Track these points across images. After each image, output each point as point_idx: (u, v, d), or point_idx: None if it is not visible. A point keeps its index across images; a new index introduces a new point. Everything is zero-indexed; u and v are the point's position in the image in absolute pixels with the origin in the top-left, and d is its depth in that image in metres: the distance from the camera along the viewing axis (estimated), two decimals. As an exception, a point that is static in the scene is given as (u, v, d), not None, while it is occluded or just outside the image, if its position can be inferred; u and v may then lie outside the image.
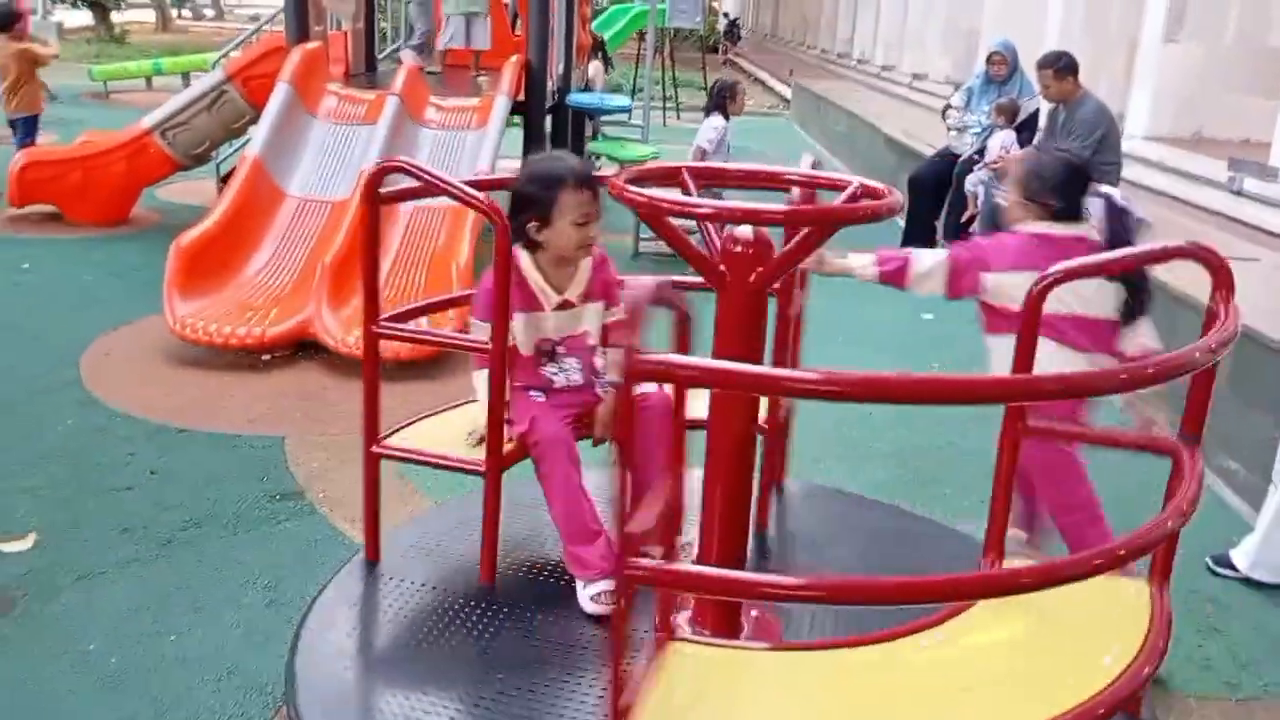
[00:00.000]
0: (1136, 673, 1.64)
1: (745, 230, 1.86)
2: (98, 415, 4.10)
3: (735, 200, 2.08)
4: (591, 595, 2.27)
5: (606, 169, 7.41)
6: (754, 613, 2.16)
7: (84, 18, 24.26)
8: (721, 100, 6.79)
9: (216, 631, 2.74)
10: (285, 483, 3.61)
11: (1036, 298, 1.66)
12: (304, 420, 4.20)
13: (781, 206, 1.81)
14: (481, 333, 2.33)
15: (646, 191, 1.91)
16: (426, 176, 2.25)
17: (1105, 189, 2.69)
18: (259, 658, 2.62)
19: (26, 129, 7.69)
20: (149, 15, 28.60)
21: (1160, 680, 2.59)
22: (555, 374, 2.46)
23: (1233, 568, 3.23)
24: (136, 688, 2.50)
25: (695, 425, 1.90)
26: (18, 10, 8.44)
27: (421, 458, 2.48)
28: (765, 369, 1.72)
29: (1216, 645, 2.90)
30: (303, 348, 4.82)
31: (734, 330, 1.98)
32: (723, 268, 1.94)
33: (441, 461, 2.44)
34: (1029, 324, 1.67)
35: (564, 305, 2.42)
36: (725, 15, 40.07)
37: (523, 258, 2.37)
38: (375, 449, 2.46)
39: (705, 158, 6.74)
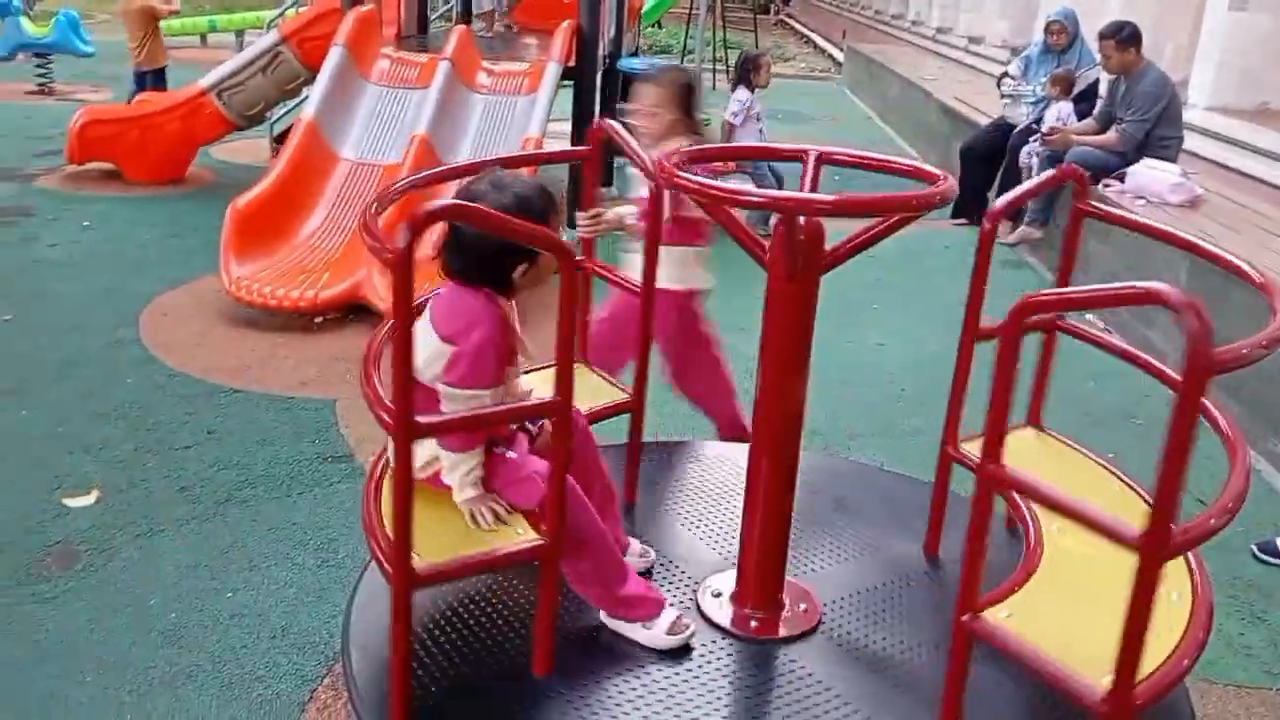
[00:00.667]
0: (1175, 665, 1.65)
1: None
2: (156, 374, 4.21)
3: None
4: (667, 629, 1.93)
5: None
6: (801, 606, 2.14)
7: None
8: (746, 72, 6.77)
9: (271, 589, 2.83)
10: (337, 445, 3.70)
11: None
12: (354, 384, 4.25)
13: (833, 195, 1.80)
14: (462, 403, 1.82)
15: (700, 179, 1.91)
16: (484, 219, 2.05)
17: None
18: (312, 616, 2.71)
19: (155, 82, 8.05)
20: (203, -30, 28.74)
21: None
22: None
23: (1279, 555, 3.21)
24: (194, 642, 2.59)
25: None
26: None
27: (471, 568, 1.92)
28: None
29: (1258, 634, 2.89)
30: (353, 311, 4.89)
31: (783, 314, 1.99)
32: (771, 251, 1.95)
33: (491, 563, 1.91)
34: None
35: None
36: (778, -26, 39.40)
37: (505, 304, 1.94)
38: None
39: (733, 133, 6.73)
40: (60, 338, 4.50)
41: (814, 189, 2.06)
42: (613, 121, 2.51)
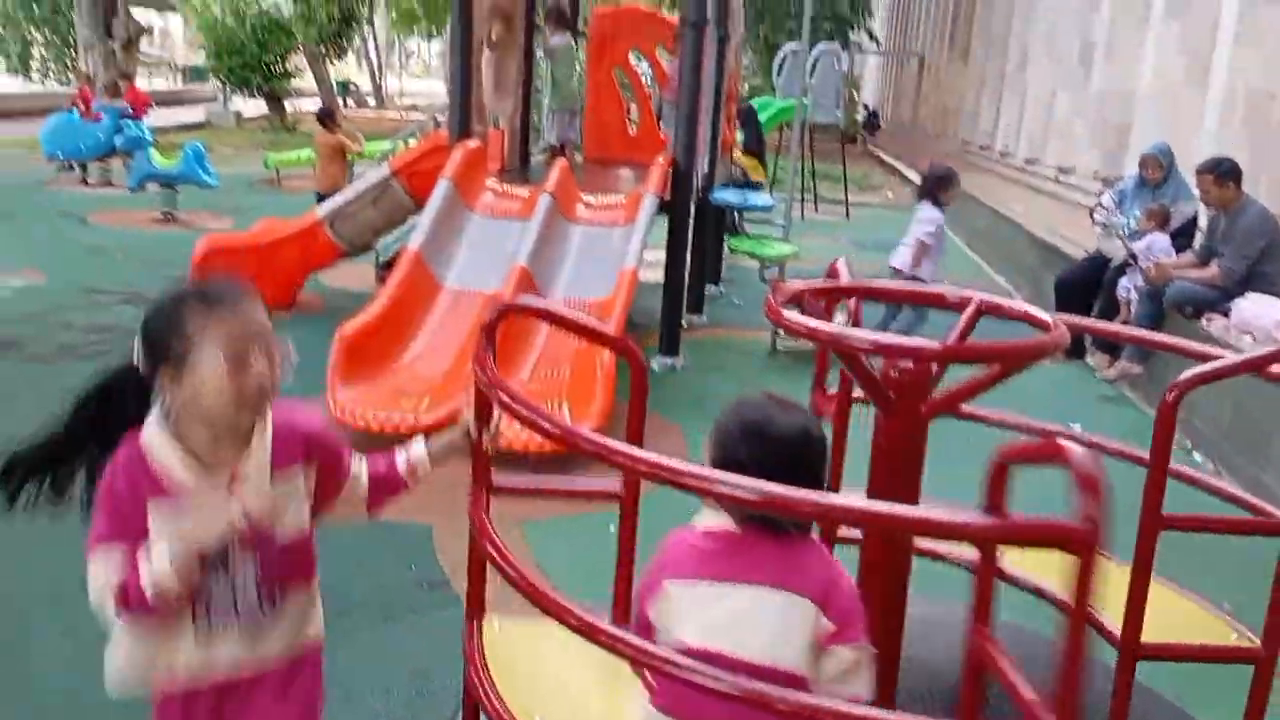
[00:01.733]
0: None
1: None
2: (263, 494, 4.33)
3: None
4: None
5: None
6: None
7: (260, 107, 26.11)
8: (934, 188, 6.48)
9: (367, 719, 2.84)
10: (433, 572, 3.74)
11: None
12: (451, 509, 4.32)
13: (941, 341, 1.83)
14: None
15: (806, 320, 1.95)
16: (552, 314, 2.22)
17: None
18: (407, 749, 2.71)
19: None
20: (317, 105, 30.59)
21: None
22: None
23: None
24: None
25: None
26: (334, 108, 10.93)
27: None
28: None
29: None
30: (451, 435, 4.99)
31: (893, 456, 2.00)
32: (890, 393, 1.97)
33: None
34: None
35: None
36: (865, 106, 40.28)
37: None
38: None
39: (926, 251, 6.40)
40: (174, 457, 4.68)
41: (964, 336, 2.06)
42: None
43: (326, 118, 10.39)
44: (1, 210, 10.81)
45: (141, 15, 22.17)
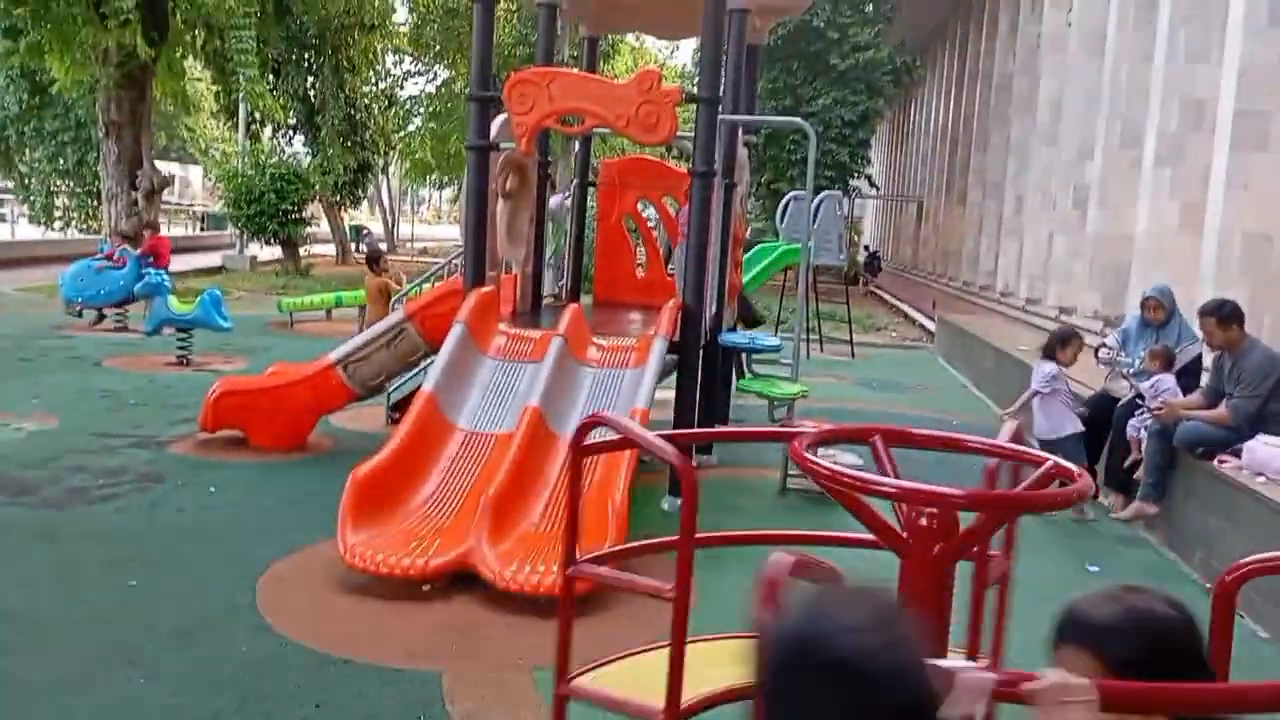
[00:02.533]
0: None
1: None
2: (269, 643, 4.26)
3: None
4: None
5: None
6: None
7: (274, 252, 26.74)
8: (1054, 347, 7.03)
9: None
10: (443, 723, 3.64)
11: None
12: (461, 655, 4.26)
13: (967, 488, 1.83)
14: None
15: (829, 465, 1.96)
16: (625, 430, 2.31)
17: None
18: None
19: None
20: (331, 249, 31.34)
21: None
22: None
23: None
24: None
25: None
26: (381, 252, 11.78)
27: (610, 703, 2.44)
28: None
29: None
30: (461, 578, 4.94)
31: (916, 601, 1.98)
32: (907, 538, 1.96)
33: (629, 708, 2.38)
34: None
35: None
36: (866, 248, 41.21)
37: None
38: (564, 690, 2.45)
39: (1035, 400, 7.00)
40: (180, 604, 4.62)
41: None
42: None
43: (374, 261, 11.19)
44: (17, 355, 10.96)
45: (163, 166, 22.95)
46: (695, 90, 6.81)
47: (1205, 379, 6.81)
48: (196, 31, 19.59)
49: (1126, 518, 6.55)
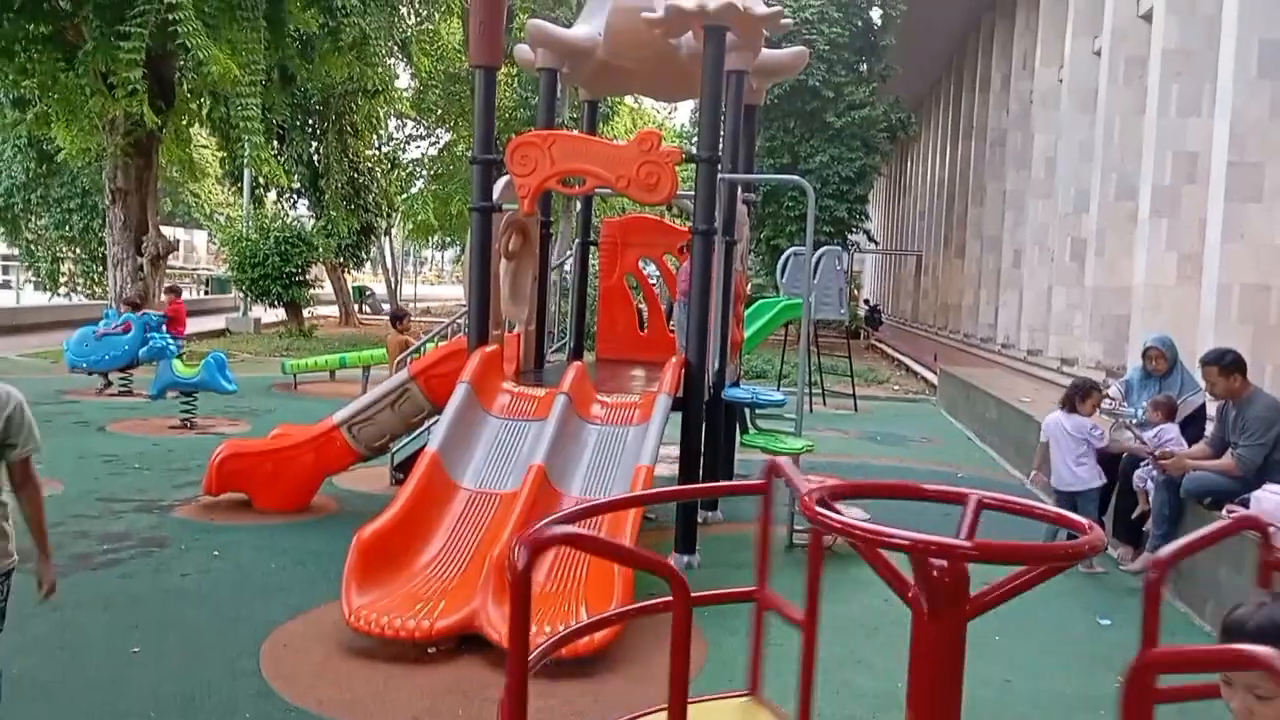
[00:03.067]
0: None
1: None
2: (272, 709, 4.21)
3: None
4: None
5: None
6: None
7: (278, 313, 26.90)
8: (1074, 397, 7.00)
9: None
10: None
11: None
12: (467, 719, 4.21)
13: (977, 540, 1.83)
14: None
15: (841, 518, 1.97)
16: (593, 545, 2.21)
17: None
18: None
19: None
20: (334, 310, 31.52)
21: None
22: None
23: None
24: None
25: None
26: (405, 312, 12.62)
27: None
28: None
29: None
30: (467, 640, 4.90)
31: (930, 656, 1.97)
32: (922, 596, 1.95)
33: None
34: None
35: None
36: (866, 302, 41.40)
37: None
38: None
39: (1062, 449, 6.95)
40: (184, 670, 4.58)
41: (970, 534, 2.08)
42: (785, 461, 2.60)
43: (397, 320, 12.10)
44: (23, 419, 10.97)
45: (168, 231, 23.21)
46: (695, 150, 6.91)
47: (1209, 428, 6.81)
48: (202, 100, 19.93)
49: (1136, 569, 6.50)
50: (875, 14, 27.24)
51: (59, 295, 29.33)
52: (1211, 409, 6.77)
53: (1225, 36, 10.79)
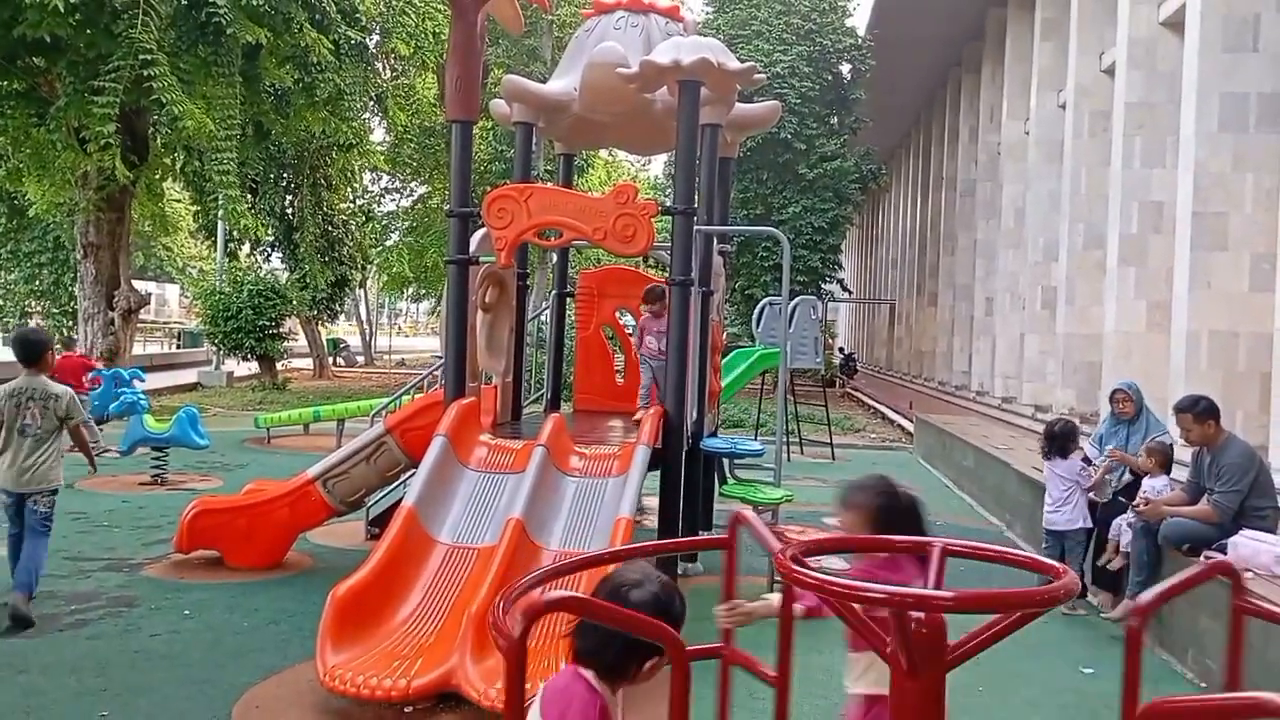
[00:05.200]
0: None
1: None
2: (246, 773, 4.11)
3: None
4: None
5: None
6: None
7: (250, 367, 26.70)
8: (1064, 443, 7.06)
9: None
10: None
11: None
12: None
13: (955, 590, 1.82)
14: None
15: (817, 574, 1.95)
16: (593, 610, 2.16)
17: None
18: None
19: None
20: (308, 363, 31.33)
21: None
22: None
23: None
24: None
25: None
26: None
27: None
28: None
29: None
30: (445, 698, 4.81)
31: (911, 711, 1.94)
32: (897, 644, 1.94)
33: None
34: None
35: None
36: (841, 350, 41.63)
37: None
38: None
39: (1061, 490, 7.02)
40: (154, 733, 4.47)
41: (939, 584, 2.08)
42: (749, 512, 2.59)
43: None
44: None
45: (140, 285, 23.04)
46: (670, 202, 6.96)
47: (1177, 472, 6.87)
48: (176, 154, 19.93)
49: (1116, 617, 6.50)
50: (845, 69, 27.76)
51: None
52: (1185, 455, 6.83)
53: (1186, 91, 11.07)
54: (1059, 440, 7.05)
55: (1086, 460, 7.24)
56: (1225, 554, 5.73)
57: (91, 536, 8.23)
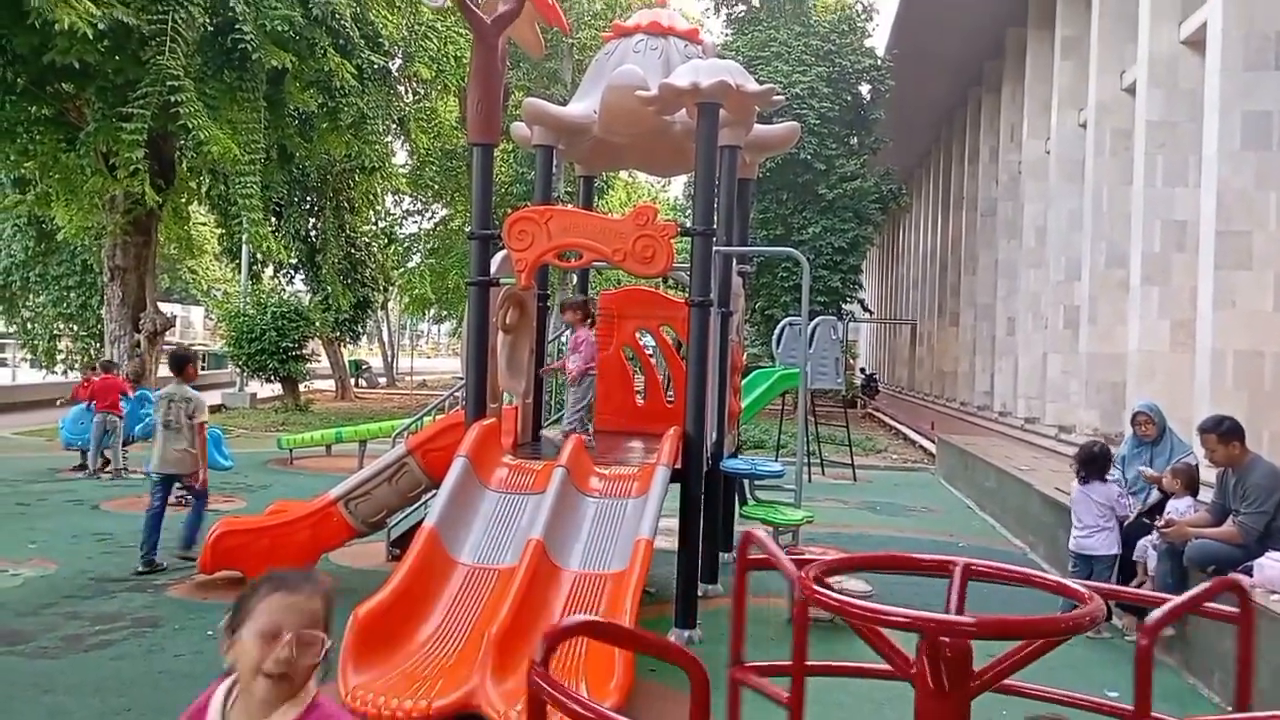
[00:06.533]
0: None
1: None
2: (268, 793, 4.11)
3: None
4: None
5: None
6: None
7: (274, 388, 26.90)
8: (1102, 467, 7.01)
9: None
10: None
11: None
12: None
13: (979, 616, 1.82)
14: None
15: (840, 596, 1.96)
16: (615, 635, 2.16)
17: None
18: None
19: None
20: (331, 385, 31.53)
21: None
22: None
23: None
24: None
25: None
26: None
27: None
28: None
29: None
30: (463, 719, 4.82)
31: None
32: (921, 669, 1.94)
33: None
34: None
35: None
36: (862, 371, 41.51)
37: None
38: None
39: (1094, 514, 6.93)
40: (177, 754, 4.48)
41: (960, 605, 2.07)
42: (761, 533, 2.58)
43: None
44: (15, 499, 10.91)
45: (165, 307, 23.29)
46: (690, 223, 6.99)
47: (1203, 494, 6.80)
48: (202, 178, 20.19)
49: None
50: (864, 89, 27.81)
51: (55, 373, 29.31)
52: (1209, 476, 6.77)
53: (1208, 109, 11.03)
54: (1099, 462, 6.99)
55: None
56: (1251, 575, 5.67)
57: (116, 557, 8.29)
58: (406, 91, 25.61)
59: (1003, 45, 24.25)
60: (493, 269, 7.08)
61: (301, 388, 26.41)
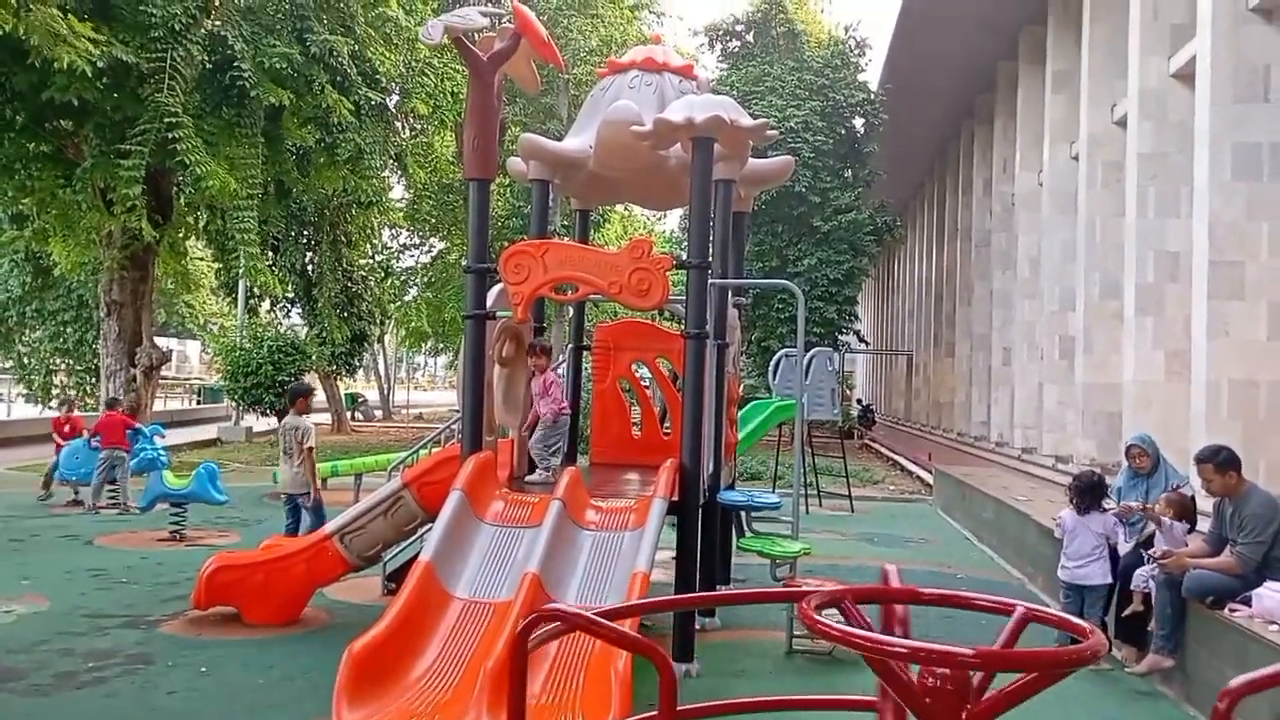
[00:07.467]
0: None
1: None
2: (262, 832, 4.08)
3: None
4: None
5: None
6: None
7: (270, 422, 26.83)
8: (1099, 497, 7.10)
9: None
10: None
11: None
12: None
13: (977, 647, 1.82)
14: None
15: (843, 627, 1.95)
16: (582, 621, 2.21)
17: None
18: None
19: None
20: (326, 418, 31.46)
21: None
22: None
23: None
24: None
25: None
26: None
27: None
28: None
29: None
30: (461, 758, 4.76)
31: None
32: (928, 701, 1.93)
33: None
34: None
35: None
36: (859, 402, 41.51)
37: None
38: None
39: (1089, 543, 6.99)
40: (170, 792, 4.44)
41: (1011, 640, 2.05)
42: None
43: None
44: (9, 535, 10.84)
45: (161, 342, 23.30)
46: (685, 256, 7.02)
47: (1199, 524, 6.80)
48: (199, 213, 20.26)
49: (1142, 671, 6.40)
50: (858, 123, 28.03)
51: (51, 408, 29.26)
52: (1207, 506, 6.76)
53: (1199, 142, 11.13)
54: (1096, 492, 7.03)
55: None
56: (1250, 606, 5.66)
57: (110, 593, 8.24)
58: (403, 127, 25.79)
59: (994, 79, 24.49)
60: (489, 302, 7.10)
61: (297, 421, 26.30)
